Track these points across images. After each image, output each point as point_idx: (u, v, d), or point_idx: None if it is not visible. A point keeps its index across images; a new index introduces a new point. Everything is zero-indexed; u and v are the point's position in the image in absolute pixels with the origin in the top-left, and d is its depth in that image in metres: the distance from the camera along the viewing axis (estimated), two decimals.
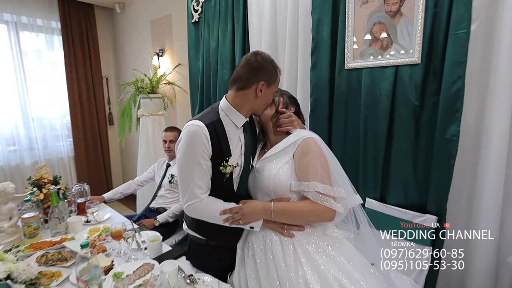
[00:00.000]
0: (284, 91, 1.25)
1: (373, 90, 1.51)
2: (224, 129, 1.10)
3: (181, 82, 3.24)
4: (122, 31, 4.19)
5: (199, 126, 1.04)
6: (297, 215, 1.05)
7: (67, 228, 1.67)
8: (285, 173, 1.08)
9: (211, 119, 1.09)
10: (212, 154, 1.07)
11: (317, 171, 1.03)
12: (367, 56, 1.51)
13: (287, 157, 1.10)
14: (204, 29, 2.32)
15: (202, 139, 1.04)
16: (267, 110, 1.17)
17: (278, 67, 1.11)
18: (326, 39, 1.61)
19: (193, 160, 1.05)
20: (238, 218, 1.07)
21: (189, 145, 1.05)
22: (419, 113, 1.42)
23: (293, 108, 1.21)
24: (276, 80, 1.11)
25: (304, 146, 1.07)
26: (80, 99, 4.12)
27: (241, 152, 1.15)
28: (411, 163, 1.47)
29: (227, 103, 1.11)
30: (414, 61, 1.37)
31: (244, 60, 1.08)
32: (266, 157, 1.15)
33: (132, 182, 2.46)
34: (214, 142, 1.06)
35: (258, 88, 1.07)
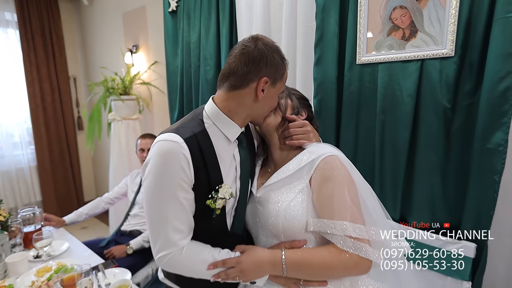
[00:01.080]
0: (293, 90, 0.94)
1: (392, 89, 1.24)
2: (212, 145, 0.78)
3: (158, 82, 2.87)
4: (91, 26, 3.76)
5: (175, 142, 0.71)
6: (318, 269, 0.74)
7: (6, 270, 1.29)
8: (299, 207, 0.77)
9: (193, 130, 0.76)
10: (195, 182, 0.74)
11: (345, 206, 0.73)
12: (385, 48, 1.24)
13: (302, 184, 0.79)
14: (183, 19, 1.98)
15: (179, 162, 0.71)
16: (271, 117, 0.86)
17: (285, 58, 0.80)
18: (333, 28, 1.33)
19: (167, 193, 0.72)
20: (235, 275, 0.75)
21: (161, 170, 0.71)
22: (450, 117, 1.16)
23: (304, 113, 0.91)
24: (283, 75, 0.80)
25: (326, 168, 0.77)
26: (43, 102, 3.66)
27: (236, 175, 0.83)
28: (440, 178, 1.21)
29: (216, 108, 0.79)
30: (446, 54, 1.11)
31: (240, 47, 0.76)
32: (272, 183, 0.83)
33: (100, 200, 2.09)
34: (197, 165, 0.73)
35: (260, 87, 0.75)
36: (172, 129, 0.76)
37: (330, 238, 0.74)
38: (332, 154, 0.78)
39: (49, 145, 3.75)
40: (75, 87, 3.96)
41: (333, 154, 0.78)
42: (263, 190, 0.85)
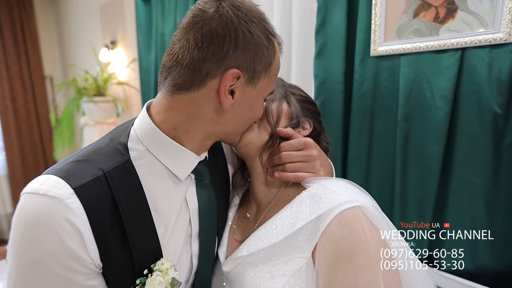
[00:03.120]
0: (292, 88, 0.62)
1: (420, 89, 0.93)
2: (143, 191, 0.44)
3: (136, 82, 2.55)
4: (68, 21, 3.44)
5: (52, 198, 0.38)
6: None
7: None
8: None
9: (102, 168, 0.42)
10: (103, 264, 0.40)
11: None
12: (410, 34, 0.93)
13: (299, 259, 0.46)
14: (157, 10, 1.67)
15: (60, 238, 0.37)
16: (252, 132, 0.53)
17: (276, 35, 0.48)
18: (340, 9, 1.01)
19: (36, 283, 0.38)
20: None
21: (25, 256, 0.38)
22: (502, 127, 0.85)
23: (308, 125, 0.58)
24: (272, 65, 0.47)
25: (343, 236, 0.43)
26: (14, 104, 3.33)
27: (189, 234, 0.50)
28: (484, 207, 0.90)
29: (151, 124, 0.47)
30: (500, 39, 0.80)
31: (191, 13, 0.43)
32: (247, 254, 0.49)
33: None
34: (105, 235, 0.40)
35: (224, 86, 0.43)
36: (60, 166, 0.42)
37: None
38: (353, 204, 0.45)
39: (22, 151, 3.41)
40: (52, 87, 3.63)
41: (356, 205, 0.45)
42: (233, 263, 0.51)
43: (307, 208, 0.47)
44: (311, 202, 0.48)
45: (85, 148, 0.47)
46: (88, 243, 0.39)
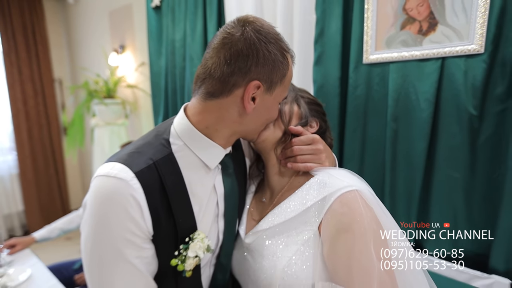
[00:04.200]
0: (302, 92, 0.72)
1: (407, 93, 1.05)
2: (182, 177, 0.56)
3: (146, 84, 2.67)
4: (77, 26, 3.56)
5: (121, 179, 0.50)
6: None
7: None
8: (303, 266, 0.56)
9: (152, 157, 0.54)
10: (154, 233, 0.53)
11: (370, 270, 0.51)
12: (398, 45, 1.05)
13: (308, 232, 0.57)
14: (168, 16, 1.79)
15: (126, 208, 0.49)
16: (268, 130, 0.65)
17: (289, 51, 0.58)
18: (336, 22, 1.13)
19: (110, 254, 0.50)
20: None
21: (99, 222, 0.50)
22: (477, 127, 0.97)
23: (315, 124, 0.69)
24: (285, 76, 0.58)
25: (343, 212, 0.54)
26: (25, 106, 3.45)
27: (217, 213, 0.62)
28: (463, 198, 1.02)
29: (189, 125, 0.58)
30: (474, 50, 0.92)
31: (221, 36, 0.54)
32: (266, 228, 0.61)
33: (76, 216, 1.87)
34: (157, 210, 0.52)
35: (248, 95, 0.54)
36: (120, 156, 0.54)
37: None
38: (352, 188, 0.55)
39: (32, 151, 3.53)
40: (61, 90, 3.76)
41: (354, 189, 0.55)
42: (254, 237, 0.63)
43: (315, 192, 0.58)
44: (318, 186, 0.59)
45: (136, 142, 0.58)
46: (145, 215, 0.51)
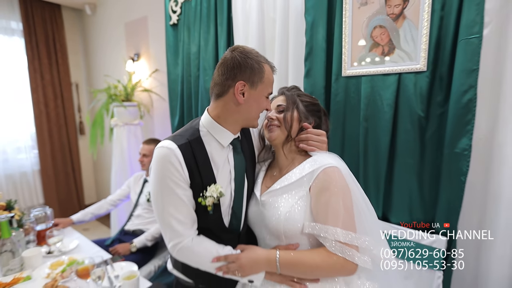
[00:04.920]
0: (303, 96, 1.03)
1: (374, 99, 1.38)
2: (206, 150, 0.91)
3: (159, 89, 3.00)
4: (93, 34, 3.89)
5: (170, 148, 0.86)
6: (309, 269, 0.85)
7: (22, 263, 1.41)
8: (298, 212, 0.88)
9: (188, 138, 0.90)
10: (191, 182, 0.88)
11: (338, 214, 0.83)
12: (367, 63, 1.38)
13: (302, 191, 0.90)
14: (183, 32, 2.12)
15: (173, 164, 0.85)
16: (279, 132, 0.99)
17: (265, 62, 0.91)
18: (321, 43, 1.47)
19: (166, 190, 0.85)
20: (234, 270, 0.86)
21: (159, 172, 0.86)
22: (424, 125, 1.30)
23: (312, 120, 1.02)
24: (263, 77, 0.90)
25: (325, 179, 0.86)
26: (47, 108, 3.78)
27: (230, 178, 0.96)
28: (416, 179, 1.35)
29: (209, 118, 0.93)
30: (419, 68, 1.26)
31: (221, 59, 0.91)
32: (275, 189, 0.94)
33: (104, 202, 2.20)
34: (191, 167, 0.87)
35: (237, 90, 0.87)
36: (170, 136, 0.90)
37: (322, 241, 0.84)
38: (332, 165, 0.88)
39: (52, 150, 3.85)
40: (77, 93, 4.08)
41: (333, 165, 0.88)
42: (267, 195, 0.96)
43: (308, 166, 0.91)
44: (312, 163, 0.91)
45: (179, 130, 0.95)
46: (184, 169, 0.86)
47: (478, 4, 1.09)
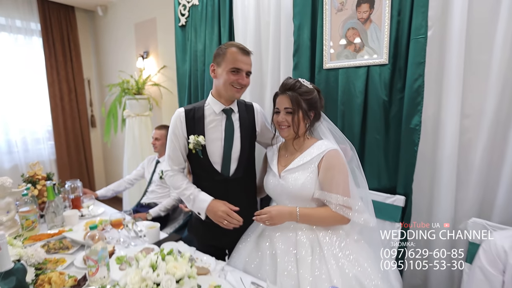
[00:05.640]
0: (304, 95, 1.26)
1: (348, 88, 1.69)
2: (204, 114, 1.34)
3: (167, 83, 3.33)
4: (104, 34, 4.20)
5: (178, 111, 1.38)
6: (319, 220, 1.22)
7: (63, 221, 1.73)
8: (309, 183, 1.21)
9: (195, 106, 1.36)
10: (188, 133, 1.32)
11: (339, 185, 1.18)
12: (343, 58, 1.70)
13: (312, 168, 1.23)
14: (191, 32, 2.44)
15: (177, 120, 1.35)
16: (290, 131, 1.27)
17: (232, 46, 1.30)
18: (306, 42, 1.79)
19: (170, 136, 1.37)
20: (266, 219, 1.20)
21: (171, 124, 1.37)
22: (388, 107, 1.62)
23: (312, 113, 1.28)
24: (225, 57, 1.29)
25: (329, 160, 1.20)
26: (62, 102, 4.09)
27: (222, 136, 1.35)
28: (382, 151, 1.67)
29: (211, 96, 1.38)
30: (383, 62, 1.58)
31: None
32: (293, 167, 1.27)
33: (122, 181, 2.53)
34: (189, 123, 1.33)
35: (211, 71, 1.36)
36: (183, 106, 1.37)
37: (327, 203, 1.19)
38: (333, 148, 1.22)
39: (67, 141, 4.17)
40: (89, 89, 4.40)
41: (334, 149, 1.22)
42: (286, 172, 1.28)
43: (316, 151, 1.22)
44: (318, 148, 1.23)
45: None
46: (183, 124, 1.35)
47: (423, 12, 1.41)
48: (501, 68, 1.28)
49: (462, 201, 1.46)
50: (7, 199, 1.57)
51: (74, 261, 1.34)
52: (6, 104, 3.56)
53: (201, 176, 1.40)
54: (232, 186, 1.36)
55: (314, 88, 1.31)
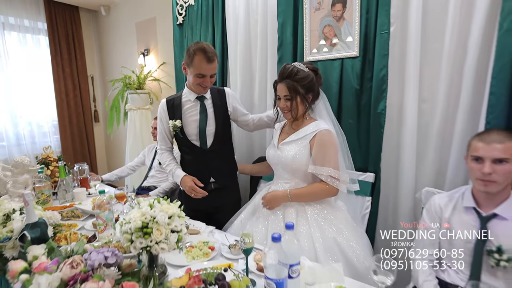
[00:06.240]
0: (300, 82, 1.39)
1: (326, 78, 1.90)
2: (181, 102, 1.64)
3: (166, 79, 3.55)
4: (107, 33, 4.42)
5: (162, 101, 1.71)
6: (308, 195, 1.41)
7: (73, 198, 1.95)
8: (300, 156, 1.40)
9: (174, 97, 1.68)
10: (170, 118, 1.66)
11: (330, 160, 1.35)
12: (320, 52, 1.92)
13: (305, 143, 1.40)
14: (188, 30, 2.66)
15: (161, 109, 1.69)
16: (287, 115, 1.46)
17: (199, 53, 1.49)
18: (289, 38, 2.00)
19: (157, 122, 1.74)
20: (265, 205, 1.43)
21: (158, 113, 1.73)
22: (359, 95, 1.83)
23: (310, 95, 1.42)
24: (192, 62, 1.52)
25: (322, 138, 1.36)
26: (67, 97, 4.31)
27: (197, 119, 1.64)
28: (356, 134, 1.88)
29: (186, 87, 1.68)
30: (354, 55, 1.79)
31: None
32: (289, 141, 1.46)
33: (125, 167, 2.76)
34: (170, 110, 1.65)
35: (183, 69, 1.61)
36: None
37: (319, 176, 1.36)
38: (327, 128, 1.38)
39: (72, 134, 4.39)
40: (93, 85, 4.63)
41: (327, 129, 1.38)
42: (283, 144, 1.47)
43: (310, 129, 1.38)
44: (312, 127, 1.38)
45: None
46: (165, 111, 1.69)
47: (386, 10, 1.62)
48: (449, 56, 1.49)
49: (421, 174, 1.67)
50: (25, 175, 1.79)
51: (85, 225, 1.56)
52: (15, 99, 3.79)
53: (185, 151, 1.73)
54: (211, 156, 1.66)
55: (311, 70, 1.43)
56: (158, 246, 0.90)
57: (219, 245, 1.32)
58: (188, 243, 1.33)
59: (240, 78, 2.30)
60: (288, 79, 1.39)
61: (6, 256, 1.18)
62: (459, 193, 1.26)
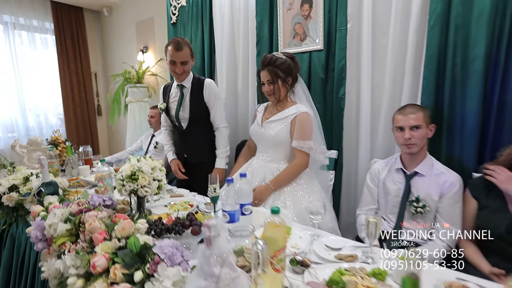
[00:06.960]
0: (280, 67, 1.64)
1: None
2: (170, 88, 1.99)
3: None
4: (109, 32, 4.73)
5: (163, 85, 2.02)
6: (287, 177, 1.61)
7: (78, 174, 2.25)
8: (282, 133, 1.64)
9: (168, 84, 2.05)
10: (164, 101, 1.97)
11: (309, 136, 1.61)
12: (292, 46, 2.20)
13: (286, 122, 1.64)
14: (181, 29, 2.96)
15: (160, 92, 2.07)
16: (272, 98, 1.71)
17: (169, 43, 1.87)
18: (266, 34, 2.29)
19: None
20: (254, 200, 1.54)
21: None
22: (325, 83, 2.11)
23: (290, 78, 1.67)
24: (166, 52, 1.89)
25: (302, 118, 1.60)
26: (72, 92, 4.62)
27: (180, 102, 1.95)
28: (322, 117, 2.15)
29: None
30: (320, 48, 2.07)
31: None
32: (272, 120, 1.70)
33: (125, 152, 3.07)
34: (163, 94, 2.00)
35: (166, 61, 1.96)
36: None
37: (301, 149, 1.58)
38: (306, 110, 1.62)
39: (76, 127, 4.70)
40: (96, 81, 4.94)
41: (305, 112, 1.61)
42: (267, 123, 1.71)
43: (292, 110, 1.63)
44: (294, 109, 1.63)
45: None
46: (161, 96, 2.06)
47: (344, 10, 1.90)
48: (393, 49, 1.77)
49: (375, 149, 1.95)
50: (38, 153, 2.09)
51: (89, 191, 1.86)
52: (25, 94, 4.11)
53: (173, 129, 2.13)
54: (185, 137, 2.03)
55: (288, 57, 1.66)
56: (143, 189, 1.20)
57: (197, 203, 1.61)
58: (173, 202, 1.62)
59: (226, 70, 2.59)
60: (269, 66, 1.63)
61: (27, 208, 1.49)
62: (393, 159, 1.55)
